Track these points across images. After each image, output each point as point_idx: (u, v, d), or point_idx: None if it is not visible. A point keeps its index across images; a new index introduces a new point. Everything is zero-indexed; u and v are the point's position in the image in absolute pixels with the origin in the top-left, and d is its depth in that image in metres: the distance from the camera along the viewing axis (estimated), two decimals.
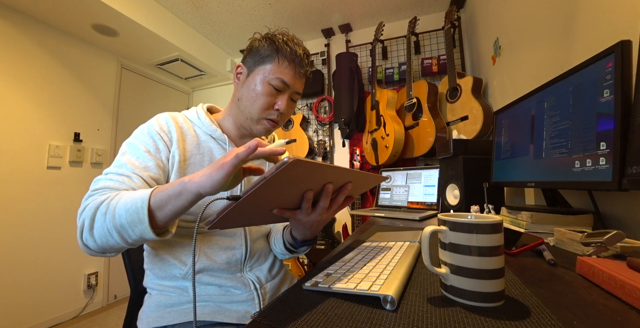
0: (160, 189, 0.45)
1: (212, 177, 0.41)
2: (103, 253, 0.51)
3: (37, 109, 1.76)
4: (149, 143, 0.60)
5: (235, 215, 0.40)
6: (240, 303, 0.60)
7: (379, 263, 0.45)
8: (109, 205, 0.46)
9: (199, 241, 0.62)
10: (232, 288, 0.61)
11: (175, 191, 0.43)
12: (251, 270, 0.66)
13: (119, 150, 0.60)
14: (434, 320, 0.29)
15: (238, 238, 0.65)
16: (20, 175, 1.66)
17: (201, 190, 0.42)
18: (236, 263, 0.64)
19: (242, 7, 2.04)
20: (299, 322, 0.30)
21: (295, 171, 0.35)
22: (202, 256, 0.61)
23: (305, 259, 2.06)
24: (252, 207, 0.41)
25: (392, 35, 2.14)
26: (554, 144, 0.67)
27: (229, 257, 0.63)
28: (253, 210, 0.43)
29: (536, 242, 0.51)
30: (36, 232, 1.72)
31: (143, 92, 2.47)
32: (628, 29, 0.60)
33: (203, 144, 0.66)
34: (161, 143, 0.60)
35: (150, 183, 0.56)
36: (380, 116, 1.85)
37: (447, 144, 1.11)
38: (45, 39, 1.79)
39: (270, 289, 0.67)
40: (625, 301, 0.32)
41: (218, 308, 0.58)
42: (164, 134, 0.62)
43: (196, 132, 0.67)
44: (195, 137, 0.66)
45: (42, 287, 1.72)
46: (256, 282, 0.64)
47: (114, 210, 0.45)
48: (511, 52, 1.25)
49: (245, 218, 0.46)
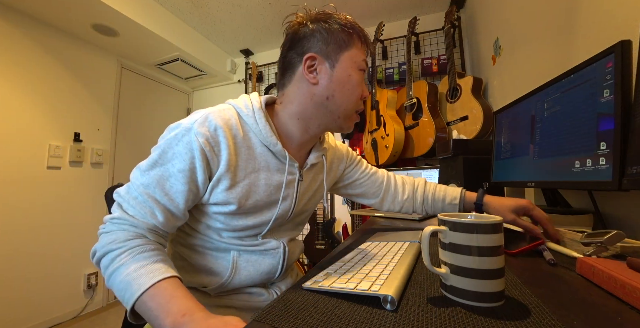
0: (150, 296, 0.39)
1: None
2: None
3: (37, 109, 1.76)
4: (186, 159, 0.48)
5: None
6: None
7: (379, 263, 0.45)
8: (112, 262, 0.43)
9: (237, 257, 0.58)
10: (255, 295, 0.61)
11: (154, 315, 0.38)
12: (274, 285, 0.66)
13: (152, 149, 0.51)
14: (434, 320, 0.29)
15: (276, 262, 0.61)
16: (20, 175, 1.66)
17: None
18: (267, 282, 0.64)
19: (242, 7, 2.04)
20: (299, 322, 0.30)
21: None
22: (237, 276, 0.57)
23: (305, 259, 2.06)
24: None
25: (392, 35, 2.14)
26: (554, 144, 0.67)
27: (263, 279, 0.60)
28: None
29: (536, 242, 0.51)
30: (36, 232, 1.72)
31: (143, 92, 2.47)
32: (628, 29, 0.60)
33: (259, 157, 0.55)
34: (199, 164, 0.49)
35: (176, 214, 0.50)
36: (380, 116, 1.85)
37: (447, 143, 1.11)
38: (45, 39, 1.79)
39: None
40: (625, 301, 0.32)
41: (238, 314, 0.58)
42: (210, 150, 0.49)
43: (251, 142, 0.55)
44: (250, 150, 0.54)
45: (42, 286, 1.72)
46: (278, 291, 0.64)
47: (111, 274, 0.42)
48: (511, 52, 1.25)
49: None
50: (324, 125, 0.58)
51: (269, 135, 0.54)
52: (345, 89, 0.55)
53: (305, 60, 0.54)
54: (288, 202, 0.60)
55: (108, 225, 0.47)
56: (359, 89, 0.56)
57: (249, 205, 0.55)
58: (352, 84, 0.55)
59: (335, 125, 0.58)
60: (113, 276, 0.42)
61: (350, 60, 0.55)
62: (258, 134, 0.55)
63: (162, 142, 0.50)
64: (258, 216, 0.57)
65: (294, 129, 0.58)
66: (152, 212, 0.47)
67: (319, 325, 0.29)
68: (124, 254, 0.43)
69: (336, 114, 0.56)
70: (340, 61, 0.54)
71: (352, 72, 0.55)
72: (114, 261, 0.43)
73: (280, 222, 0.61)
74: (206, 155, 0.49)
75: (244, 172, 0.54)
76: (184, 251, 0.59)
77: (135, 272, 0.41)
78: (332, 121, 0.58)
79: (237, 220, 0.55)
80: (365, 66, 0.57)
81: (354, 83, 0.55)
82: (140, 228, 0.47)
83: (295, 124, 0.58)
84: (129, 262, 0.42)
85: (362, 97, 0.58)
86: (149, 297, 0.39)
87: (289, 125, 0.58)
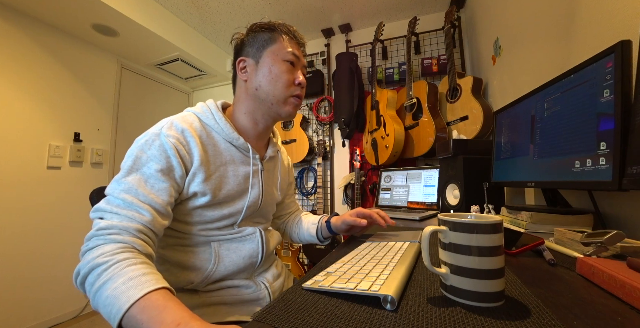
0: (140, 309, 0.36)
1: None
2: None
3: (37, 109, 1.76)
4: (162, 160, 0.52)
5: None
6: (252, 302, 0.62)
7: (379, 263, 0.45)
8: (98, 277, 0.40)
9: (218, 248, 0.60)
10: (243, 287, 0.62)
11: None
12: (259, 275, 0.67)
13: (123, 163, 0.52)
14: (434, 320, 0.29)
15: (256, 246, 0.65)
16: (20, 175, 1.66)
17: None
18: (251, 269, 0.65)
19: (242, 7, 2.04)
20: (299, 322, 0.30)
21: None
22: (221, 264, 0.60)
23: (305, 259, 2.06)
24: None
25: (392, 35, 2.14)
26: (554, 143, 0.67)
27: (247, 264, 0.63)
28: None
29: (536, 242, 0.51)
30: (36, 232, 1.72)
31: (143, 92, 2.47)
32: (628, 29, 0.60)
33: (225, 153, 0.62)
34: (176, 160, 0.53)
35: (162, 211, 0.51)
36: (380, 116, 1.85)
37: (447, 144, 1.11)
38: (45, 39, 1.79)
39: (277, 288, 0.68)
40: (625, 301, 0.32)
41: (229, 309, 0.59)
42: (182, 148, 0.54)
43: (215, 140, 0.61)
44: (215, 146, 0.61)
45: (42, 286, 1.72)
46: (265, 281, 0.66)
47: (97, 290, 0.39)
48: (511, 52, 1.25)
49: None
50: (266, 114, 0.67)
51: (230, 131, 0.62)
52: (269, 78, 0.63)
53: (237, 63, 0.67)
54: (256, 190, 0.66)
55: (93, 241, 0.44)
56: (284, 76, 0.64)
57: (222, 195, 0.60)
58: (275, 73, 0.63)
59: (273, 111, 0.66)
60: (99, 292, 0.38)
61: (273, 53, 0.64)
62: (220, 132, 0.62)
63: (132, 151, 0.53)
64: (232, 205, 0.62)
65: (246, 123, 0.67)
66: (138, 212, 0.47)
67: (319, 325, 0.29)
68: (110, 268, 0.40)
69: (268, 101, 0.65)
70: (264, 56, 0.64)
71: (274, 63, 0.63)
72: (100, 276, 0.39)
73: (252, 210, 0.67)
74: (179, 152, 0.54)
75: (214, 166, 0.59)
76: (164, 253, 0.59)
77: (124, 285, 0.38)
78: (268, 109, 0.66)
79: (212, 211, 0.59)
80: (291, 56, 0.65)
81: (277, 71, 0.63)
82: (129, 233, 0.45)
83: (245, 118, 0.67)
84: (116, 277, 0.39)
85: (292, 84, 0.65)
86: (139, 310, 0.36)
87: (242, 120, 0.67)
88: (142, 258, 0.44)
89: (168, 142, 0.53)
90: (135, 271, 0.40)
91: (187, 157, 0.55)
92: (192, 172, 0.56)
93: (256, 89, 0.64)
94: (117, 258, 0.41)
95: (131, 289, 0.37)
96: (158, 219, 0.50)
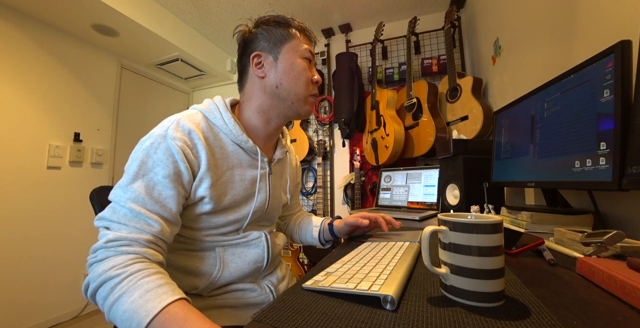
0: (161, 323, 0.36)
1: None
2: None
3: (37, 109, 1.75)
4: (169, 165, 0.49)
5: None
6: (256, 306, 0.61)
7: (379, 263, 0.45)
8: (112, 291, 0.39)
9: (223, 253, 0.59)
10: (248, 291, 0.61)
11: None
12: (264, 278, 0.67)
13: (127, 166, 0.49)
14: (434, 320, 0.29)
15: (261, 251, 0.63)
16: (20, 175, 1.66)
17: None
18: (256, 274, 0.64)
19: (242, 7, 2.04)
20: (299, 322, 0.30)
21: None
22: (226, 270, 0.58)
23: (305, 259, 2.06)
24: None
25: (392, 35, 2.14)
26: (554, 143, 0.67)
27: (252, 269, 0.61)
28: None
29: (536, 242, 0.51)
30: (36, 232, 1.72)
31: (143, 92, 2.47)
32: (628, 29, 0.60)
33: (232, 156, 0.59)
34: (183, 165, 0.50)
35: (170, 220, 0.50)
36: (380, 116, 1.85)
37: (447, 143, 1.11)
38: (45, 39, 1.79)
39: (282, 291, 0.67)
40: (625, 301, 0.32)
41: (234, 313, 0.58)
42: (189, 152, 0.52)
43: (222, 141, 0.58)
44: (222, 149, 0.58)
45: (42, 287, 1.72)
46: (270, 285, 0.65)
47: (113, 304, 0.38)
48: (511, 52, 1.25)
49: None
50: (282, 113, 0.64)
51: (239, 134, 0.59)
52: (291, 76, 0.61)
53: (252, 58, 0.62)
54: (263, 194, 0.64)
55: (102, 252, 0.43)
56: (305, 73, 0.62)
57: (227, 201, 0.58)
58: (297, 70, 0.61)
59: (291, 111, 0.63)
60: (115, 306, 0.38)
61: (292, 50, 0.62)
62: (228, 133, 0.59)
63: (137, 155, 0.50)
64: (237, 210, 0.60)
65: (257, 122, 0.64)
66: (147, 223, 0.46)
67: (319, 325, 0.29)
68: (124, 281, 0.39)
69: (289, 99, 0.62)
70: (283, 53, 0.61)
71: (294, 60, 0.61)
72: (114, 290, 0.39)
73: (258, 215, 0.65)
74: (187, 157, 0.51)
75: (221, 170, 0.57)
76: (168, 258, 0.58)
77: (141, 298, 0.37)
78: (287, 108, 0.63)
79: (218, 217, 0.58)
80: (308, 54, 0.63)
81: (298, 69, 0.61)
82: (139, 244, 0.44)
83: (257, 117, 0.64)
84: (132, 290, 0.38)
85: (313, 81, 0.64)
86: (159, 324, 0.35)
87: (252, 119, 0.64)
88: (156, 267, 0.43)
89: (175, 146, 0.50)
90: (150, 283, 0.39)
91: (195, 160, 0.53)
92: (199, 177, 0.53)
93: (277, 87, 0.61)
94: (130, 270, 0.40)
95: (149, 302, 0.37)
96: (167, 228, 0.48)
